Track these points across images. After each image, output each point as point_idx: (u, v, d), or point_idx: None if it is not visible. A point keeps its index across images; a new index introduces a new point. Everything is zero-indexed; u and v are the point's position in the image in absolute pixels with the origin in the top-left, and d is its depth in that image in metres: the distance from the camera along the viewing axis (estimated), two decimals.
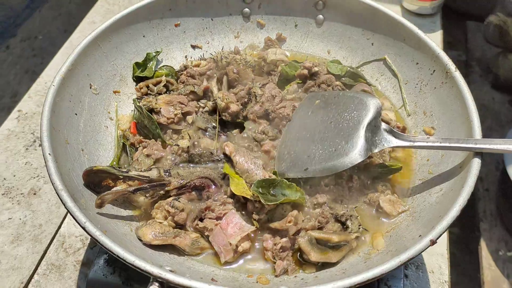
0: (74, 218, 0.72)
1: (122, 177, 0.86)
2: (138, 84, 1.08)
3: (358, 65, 1.15)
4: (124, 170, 0.87)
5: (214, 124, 1.01)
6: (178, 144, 0.96)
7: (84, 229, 0.71)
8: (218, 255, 0.83)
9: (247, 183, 0.89)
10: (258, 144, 0.99)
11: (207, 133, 1.00)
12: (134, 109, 1.04)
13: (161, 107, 1.00)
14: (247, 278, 0.81)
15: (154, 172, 0.89)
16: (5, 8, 2.55)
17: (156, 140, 0.99)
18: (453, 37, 2.45)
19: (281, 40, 1.21)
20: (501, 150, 0.82)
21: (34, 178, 1.14)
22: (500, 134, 1.66)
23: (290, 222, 0.83)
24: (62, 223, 1.05)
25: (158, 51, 1.13)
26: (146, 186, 0.86)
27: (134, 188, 0.85)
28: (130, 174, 0.86)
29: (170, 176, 0.89)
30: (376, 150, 0.88)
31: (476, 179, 0.80)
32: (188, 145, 0.95)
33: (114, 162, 0.95)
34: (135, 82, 1.10)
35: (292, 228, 0.84)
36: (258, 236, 0.87)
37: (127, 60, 1.10)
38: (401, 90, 1.08)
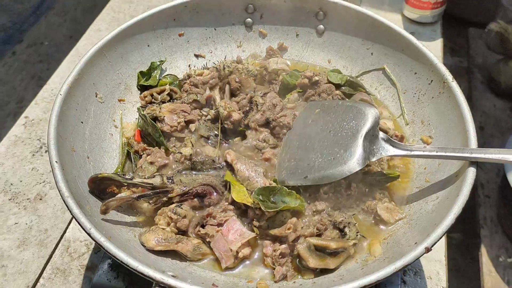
0: (79, 225, 0.75)
1: (126, 184, 0.89)
2: (143, 92, 1.11)
3: (358, 74, 1.17)
4: (128, 177, 0.89)
5: (216, 132, 1.03)
6: (181, 151, 0.98)
7: (89, 235, 0.73)
8: (219, 261, 0.85)
9: (248, 191, 0.92)
10: (259, 152, 1.01)
11: (209, 141, 1.02)
12: (139, 117, 1.06)
13: (164, 116, 1.03)
14: (247, 283, 0.83)
15: (157, 179, 0.91)
16: (11, 14, 2.59)
17: (159, 147, 1.01)
18: (455, 43, 2.46)
19: (282, 49, 1.23)
20: (495, 160, 0.84)
21: (40, 183, 1.16)
22: (501, 140, 1.68)
23: (289, 229, 0.86)
24: (67, 228, 1.08)
25: (162, 60, 1.15)
26: (149, 193, 0.88)
27: (137, 195, 0.87)
28: (134, 181, 0.89)
29: (173, 183, 0.92)
30: (374, 159, 0.90)
31: (471, 188, 0.82)
32: (190, 152, 0.98)
33: (119, 169, 0.98)
34: (140, 90, 1.13)
35: (291, 235, 0.86)
36: (258, 242, 0.89)
37: (132, 69, 1.12)
38: (399, 99, 1.10)
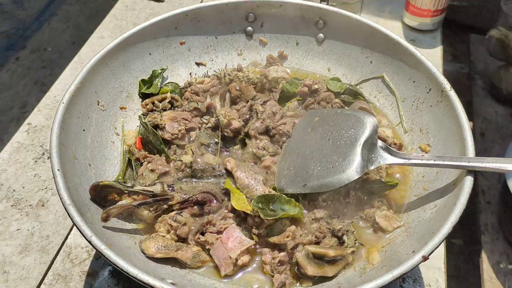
0: (80, 232, 0.76)
1: (127, 191, 0.90)
2: (144, 100, 1.12)
3: (357, 82, 1.18)
4: (129, 185, 0.90)
5: (216, 140, 1.04)
6: (181, 159, 0.99)
7: (90, 243, 0.74)
8: (219, 268, 0.86)
9: (248, 198, 0.93)
10: (259, 159, 1.02)
11: (210, 148, 1.03)
12: (140, 125, 1.07)
13: (165, 123, 1.04)
14: None
15: (158, 186, 0.92)
16: (14, 20, 2.61)
17: (160, 155, 1.02)
18: (456, 49, 2.47)
19: (282, 57, 1.25)
20: (492, 169, 0.85)
21: (43, 190, 1.17)
22: (502, 147, 1.68)
23: (288, 237, 0.86)
24: (68, 234, 1.09)
25: (163, 69, 1.17)
26: (150, 200, 0.89)
27: (138, 202, 0.88)
28: (135, 189, 0.90)
29: (173, 190, 0.93)
30: (372, 167, 0.90)
31: (468, 197, 0.83)
32: (191, 160, 0.99)
33: (120, 177, 0.99)
34: (141, 98, 1.14)
35: (290, 242, 0.87)
36: (257, 250, 0.90)
37: (134, 77, 1.13)
38: (398, 108, 1.11)
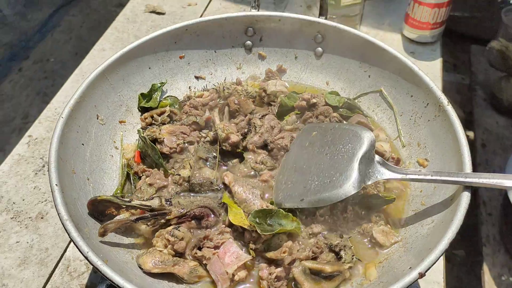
0: (77, 248, 0.76)
1: (124, 206, 0.90)
2: (143, 114, 1.13)
3: (356, 96, 1.19)
4: (126, 199, 0.91)
5: (214, 154, 1.05)
6: (179, 173, 1.00)
7: (86, 258, 0.74)
8: (216, 284, 0.86)
9: (245, 213, 0.93)
10: (257, 174, 1.02)
11: (208, 163, 1.04)
12: (139, 138, 1.08)
13: (164, 137, 1.04)
14: None
15: (156, 201, 0.93)
16: (17, 32, 2.63)
17: (159, 169, 1.03)
18: (458, 60, 2.48)
19: (281, 71, 1.25)
20: (489, 185, 0.85)
21: (42, 202, 1.18)
22: (503, 158, 1.68)
23: (285, 252, 0.86)
24: (67, 247, 1.09)
25: (163, 82, 1.17)
26: (147, 215, 0.90)
27: (135, 217, 0.88)
28: (133, 203, 0.90)
29: (171, 205, 0.93)
30: (369, 182, 0.91)
31: (465, 213, 0.83)
32: (189, 174, 0.99)
33: (118, 191, 0.99)
34: (140, 112, 1.14)
35: (287, 258, 0.87)
36: (254, 265, 0.90)
37: (133, 91, 1.14)
38: (396, 122, 1.12)
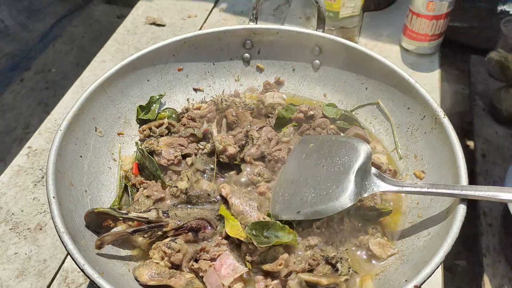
0: (73, 260, 0.76)
1: (121, 218, 0.91)
2: (141, 126, 1.13)
3: (353, 108, 1.20)
4: (123, 211, 0.91)
5: (212, 166, 1.05)
6: (177, 185, 1.00)
7: (82, 271, 0.75)
8: None
9: (242, 225, 0.93)
10: (254, 185, 1.03)
11: (205, 175, 1.04)
12: (137, 150, 1.09)
13: (162, 149, 1.05)
14: None
15: (153, 213, 0.93)
16: (19, 42, 2.66)
17: (156, 181, 1.03)
18: (458, 70, 2.48)
19: (279, 83, 1.26)
20: (485, 198, 0.85)
21: (41, 213, 1.18)
22: (503, 168, 1.68)
23: (281, 265, 0.87)
24: (65, 259, 1.09)
25: (161, 95, 1.18)
26: (144, 227, 0.90)
27: (132, 229, 0.89)
28: (130, 215, 0.90)
29: (168, 217, 0.93)
30: (365, 195, 0.91)
31: (461, 225, 0.83)
32: (186, 186, 1.00)
33: (116, 203, 1.00)
34: (139, 124, 1.15)
35: (283, 270, 0.87)
36: (251, 277, 0.90)
37: (132, 103, 1.15)
38: (393, 134, 1.12)
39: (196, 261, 0.89)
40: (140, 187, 1.02)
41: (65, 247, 0.78)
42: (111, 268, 0.85)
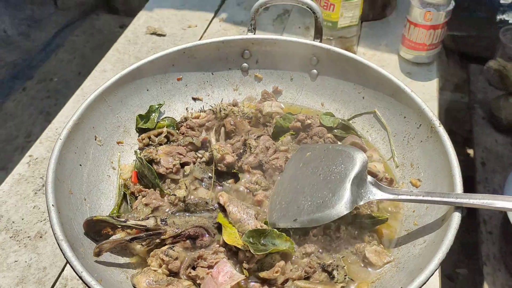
0: (72, 267, 0.77)
1: (120, 226, 0.92)
2: (141, 135, 1.15)
3: (350, 117, 1.21)
4: (122, 219, 0.92)
5: (210, 174, 1.06)
6: (175, 193, 1.01)
7: (81, 278, 0.76)
8: None
9: (240, 232, 0.94)
10: (251, 194, 1.04)
11: (203, 183, 1.05)
12: (136, 159, 1.10)
13: (160, 158, 1.06)
14: None
15: (151, 221, 0.94)
16: (21, 51, 2.68)
17: (155, 189, 1.04)
18: (457, 79, 2.50)
19: (277, 92, 1.28)
20: (480, 205, 0.86)
21: (41, 221, 1.19)
22: (503, 176, 1.69)
23: (277, 272, 0.87)
24: (65, 266, 1.10)
25: (160, 104, 1.20)
26: (142, 235, 0.91)
27: (131, 237, 0.90)
28: (128, 223, 0.92)
29: (166, 225, 0.94)
30: (361, 203, 0.92)
31: (455, 233, 0.83)
32: (184, 194, 1.01)
33: (115, 211, 1.01)
34: (138, 133, 1.16)
35: (280, 277, 0.88)
36: (248, 284, 0.91)
37: (131, 112, 1.16)
38: (390, 142, 1.13)
39: (193, 268, 0.90)
40: (139, 195, 1.03)
41: (63, 255, 0.79)
42: (109, 275, 0.86)
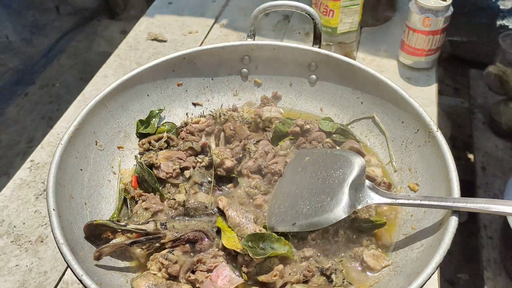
0: (72, 271, 0.78)
1: (120, 230, 0.92)
2: (141, 140, 1.16)
3: (349, 122, 1.22)
4: (122, 223, 0.93)
5: (209, 179, 1.07)
6: (175, 198, 1.02)
7: (80, 281, 0.77)
8: None
9: (239, 236, 0.95)
10: (251, 198, 1.05)
11: (203, 187, 1.06)
12: (136, 164, 1.11)
13: (160, 162, 1.07)
14: None
15: (151, 225, 0.95)
16: (23, 57, 2.70)
17: (155, 194, 1.05)
18: (457, 84, 2.50)
19: (276, 98, 1.29)
20: (477, 209, 0.86)
21: (42, 226, 1.20)
22: (503, 181, 1.69)
23: (275, 276, 0.88)
24: (66, 270, 1.11)
25: (161, 109, 1.21)
26: (142, 239, 0.92)
27: (130, 241, 0.91)
28: (128, 227, 0.92)
29: (166, 229, 0.95)
30: (359, 207, 0.93)
31: (452, 237, 0.84)
32: (184, 199, 1.02)
33: (115, 215, 1.02)
34: (139, 138, 1.18)
35: (278, 281, 0.89)
36: None
37: (132, 117, 1.17)
38: (388, 147, 1.14)
39: (193, 272, 0.91)
40: (139, 200, 1.04)
41: (64, 258, 0.80)
42: (109, 279, 0.86)
